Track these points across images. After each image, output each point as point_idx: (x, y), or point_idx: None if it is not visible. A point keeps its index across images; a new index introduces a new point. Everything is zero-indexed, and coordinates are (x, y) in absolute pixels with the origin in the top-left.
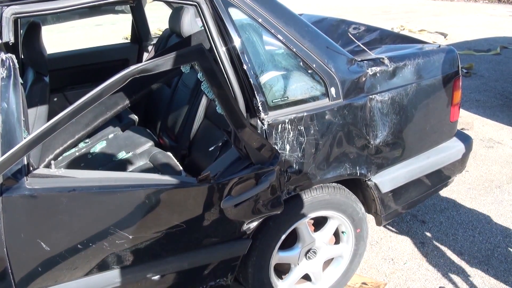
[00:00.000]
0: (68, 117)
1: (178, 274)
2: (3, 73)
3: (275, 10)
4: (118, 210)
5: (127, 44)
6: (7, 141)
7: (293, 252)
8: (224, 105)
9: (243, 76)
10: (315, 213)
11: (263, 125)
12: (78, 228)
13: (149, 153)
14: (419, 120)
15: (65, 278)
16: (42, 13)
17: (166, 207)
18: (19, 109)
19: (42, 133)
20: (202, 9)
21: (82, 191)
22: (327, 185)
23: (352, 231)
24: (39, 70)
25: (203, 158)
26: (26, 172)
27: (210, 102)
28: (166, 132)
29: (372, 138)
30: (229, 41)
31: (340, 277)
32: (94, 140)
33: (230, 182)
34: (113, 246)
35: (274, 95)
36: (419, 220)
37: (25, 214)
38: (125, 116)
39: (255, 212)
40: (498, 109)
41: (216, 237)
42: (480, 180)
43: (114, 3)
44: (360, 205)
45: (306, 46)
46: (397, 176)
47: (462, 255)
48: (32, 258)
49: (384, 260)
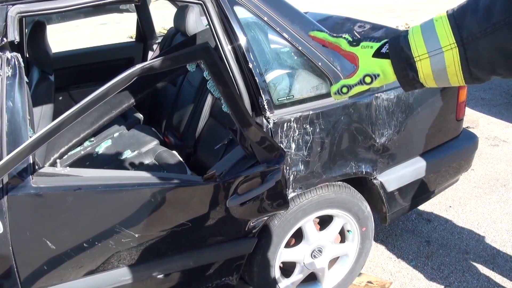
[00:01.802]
0: (74, 116)
1: (183, 273)
2: (8, 72)
3: (280, 8)
4: (124, 208)
5: (132, 43)
6: (13, 140)
7: (299, 250)
8: (229, 103)
9: (249, 75)
10: (320, 211)
11: (269, 124)
12: (83, 227)
13: (155, 152)
14: (424, 118)
15: (71, 277)
16: (47, 12)
17: (172, 206)
18: (25, 108)
19: (47, 132)
20: (208, 8)
21: (88, 190)
22: (333, 183)
23: (357, 230)
24: (44, 69)
25: (208, 157)
26: (31, 170)
27: (215, 101)
28: (171, 130)
29: (378, 136)
30: (235, 40)
31: (346, 276)
32: (99, 138)
33: (236, 181)
34: (118, 245)
35: (279, 94)
36: (425, 219)
37: (30, 212)
38: (130, 115)
39: (260, 210)
40: (504, 107)
41: (222, 235)
42: (485, 179)
43: (119, 2)
44: (365, 203)
45: (312, 44)
46: (403, 175)
47: (467, 254)
48: (37, 256)
49: (390, 259)
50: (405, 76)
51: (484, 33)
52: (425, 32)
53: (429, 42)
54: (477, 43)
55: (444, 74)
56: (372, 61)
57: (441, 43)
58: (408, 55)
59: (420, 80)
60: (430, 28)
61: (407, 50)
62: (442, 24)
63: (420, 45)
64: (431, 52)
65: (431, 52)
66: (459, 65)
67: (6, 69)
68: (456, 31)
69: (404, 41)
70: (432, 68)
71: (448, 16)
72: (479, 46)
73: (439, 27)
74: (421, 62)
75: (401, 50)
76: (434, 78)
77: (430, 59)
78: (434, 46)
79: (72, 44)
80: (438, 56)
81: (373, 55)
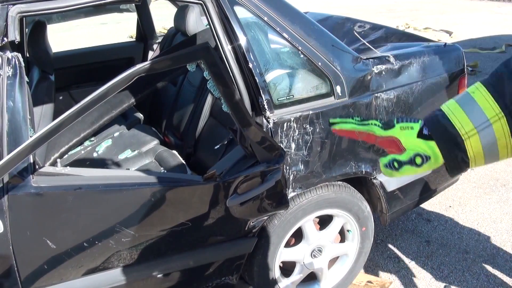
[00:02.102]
0: (74, 115)
1: (183, 272)
2: (9, 72)
3: (280, 8)
4: (124, 208)
5: (132, 42)
6: (13, 140)
7: (299, 250)
8: (229, 103)
9: (249, 75)
10: (320, 211)
11: (269, 124)
12: (83, 226)
13: (155, 152)
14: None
15: (71, 276)
16: (48, 12)
17: (172, 205)
18: (25, 107)
19: (48, 131)
20: (208, 8)
21: (88, 189)
22: (333, 183)
23: (357, 230)
24: (44, 69)
25: (208, 157)
26: (32, 170)
27: (215, 101)
28: (171, 130)
29: None
30: (235, 40)
31: (346, 275)
32: (99, 138)
33: (236, 181)
34: (118, 244)
35: (279, 94)
36: (425, 219)
37: (31, 212)
38: (130, 115)
39: (260, 210)
40: None
41: (222, 235)
42: (485, 179)
43: (119, 2)
44: (365, 203)
45: (312, 44)
46: None
47: (467, 254)
48: (37, 256)
49: (390, 259)
50: (453, 159)
51: None
52: (465, 106)
53: (473, 116)
54: None
55: (494, 149)
56: (419, 142)
57: (487, 115)
58: (454, 134)
59: (470, 160)
60: (469, 101)
61: (451, 129)
62: (482, 95)
63: (465, 121)
64: (479, 126)
65: (479, 127)
66: (509, 135)
67: (6, 69)
68: (499, 100)
69: (444, 120)
70: (482, 144)
71: (486, 86)
72: None
73: (479, 98)
74: (470, 140)
75: (444, 130)
76: (484, 155)
77: (479, 134)
78: (480, 120)
79: (73, 43)
80: (487, 130)
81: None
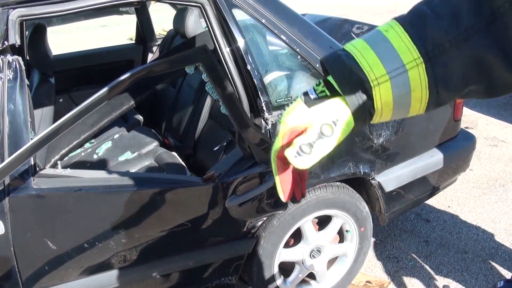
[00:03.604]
0: (74, 118)
1: (183, 273)
2: (9, 75)
3: (278, 11)
4: (124, 209)
5: (131, 45)
6: (14, 142)
7: (298, 250)
8: (228, 105)
9: (247, 77)
10: (319, 212)
11: (267, 125)
12: (84, 228)
13: (154, 153)
14: (422, 118)
15: (71, 277)
16: (48, 15)
17: (171, 207)
18: (26, 110)
19: (48, 134)
20: (206, 10)
21: (88, 191)
22: (331, 184)
23: (356, 230)
24: (44, 72)
25: (207, 158)
26: (32, 172)
27: (214, 103)
28: (171, 132)
29: (376, 137)
30: (233, 42)
31: (345, 276)
32: (99, 140)
33: (235, 182)
34: (119, 245)
35: (278, 95)
36: (423, 219)
37: (32, 213)
38: (130, 117)
39: (259, 211)
40: (502, 107)
41: (221, 236)
42: (484, 179)
43: (119, 4)
44: (364, 204)
45: (310, 46)
46: (401, 175)
47: (466, 254)
48: (38, 257)
49: (388, 259)
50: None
51: (455, 42)
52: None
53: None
54: (447, 56)
55: (406, 101)
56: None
57: (403, 59)
58: (362, 78)
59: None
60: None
61: (358, 72)
62: (397, 34)
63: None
64: (392, 72)
65: (392, 72)
66: (426, 85)
67: (7, 72)
68: (418, 43)
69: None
70: (393, 94)
71: (403, 25)
72: (449, 60)
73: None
74: (380, 87)
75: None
76: (393, 107)
77: (391, 81)
78: (394, 64)
79: (73, 46)
80: (401, 77)
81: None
